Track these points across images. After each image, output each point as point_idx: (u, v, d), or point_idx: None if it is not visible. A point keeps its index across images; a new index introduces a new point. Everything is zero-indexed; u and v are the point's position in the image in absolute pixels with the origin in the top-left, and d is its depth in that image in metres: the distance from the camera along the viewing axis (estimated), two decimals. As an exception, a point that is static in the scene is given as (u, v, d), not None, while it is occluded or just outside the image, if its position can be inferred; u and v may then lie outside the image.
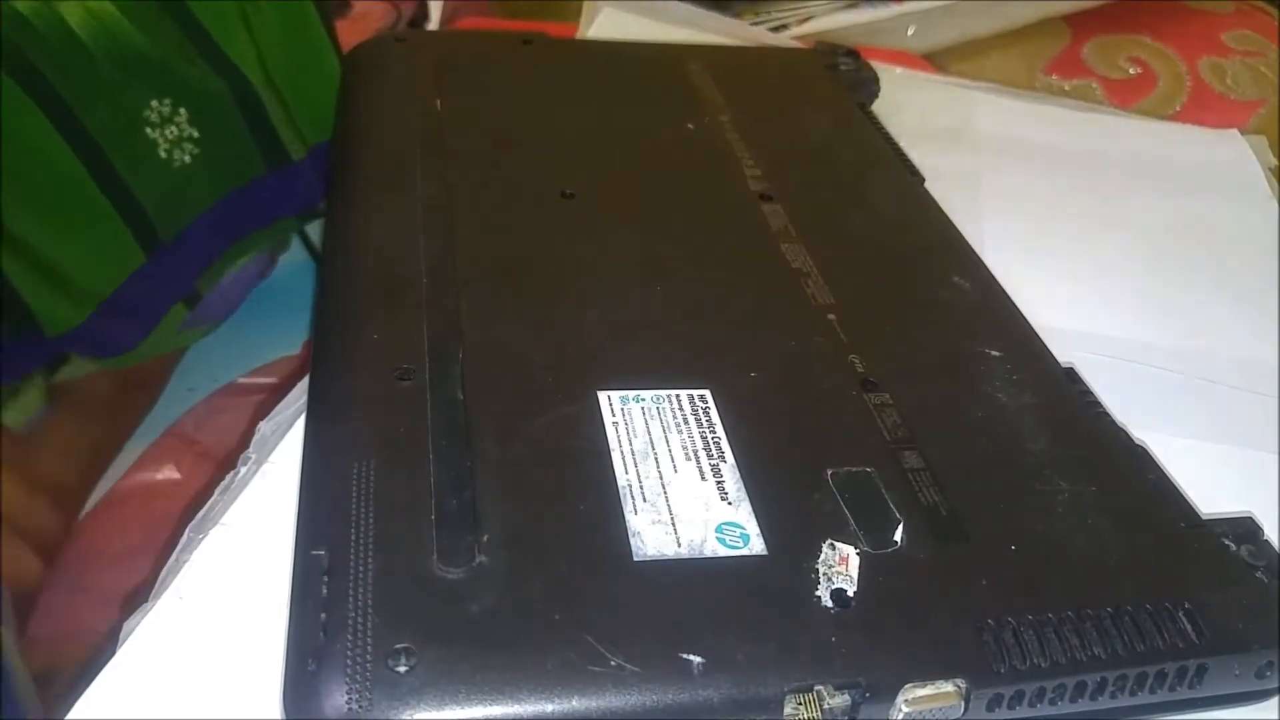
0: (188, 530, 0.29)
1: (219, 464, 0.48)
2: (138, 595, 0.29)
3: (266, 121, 0.52)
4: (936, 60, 0.65)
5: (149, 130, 0.48)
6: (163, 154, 0.49)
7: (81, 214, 0.46)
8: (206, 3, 0.49)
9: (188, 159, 0.49)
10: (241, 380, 0.52)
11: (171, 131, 0.49)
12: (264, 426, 0.33)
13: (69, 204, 0.46)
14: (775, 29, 0.63)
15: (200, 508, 0.31)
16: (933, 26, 0.64)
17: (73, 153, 0.46)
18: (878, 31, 0.63)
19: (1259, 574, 0.27)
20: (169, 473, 0.48)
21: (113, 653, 0.27)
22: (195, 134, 0.49)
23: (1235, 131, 0.57)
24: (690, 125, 0.44)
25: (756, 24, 0.63)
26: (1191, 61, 0.65)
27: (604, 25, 0.58)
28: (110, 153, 0.47)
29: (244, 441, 0.33)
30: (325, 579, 0.24)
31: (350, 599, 0.23)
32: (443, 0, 0.62)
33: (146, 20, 0.48)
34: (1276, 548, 0.28)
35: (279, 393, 0.38)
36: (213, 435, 0.50)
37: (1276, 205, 0.51)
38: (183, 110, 0.49)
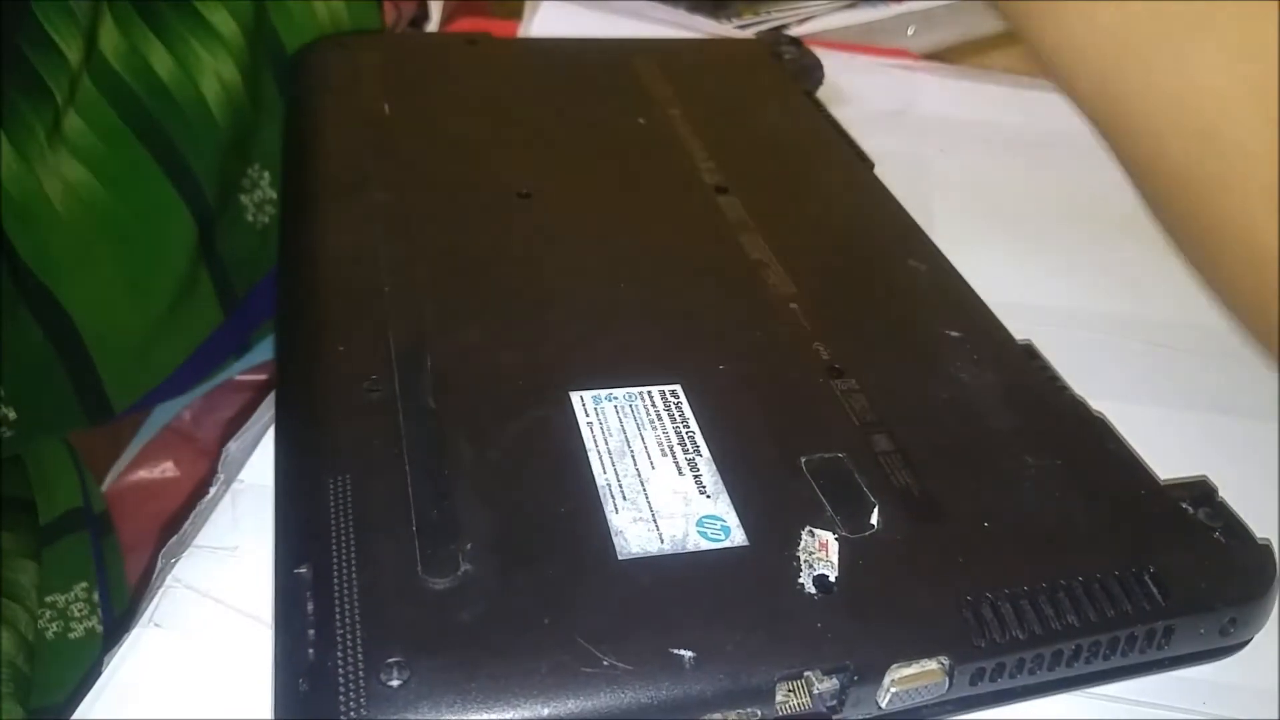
0: (160, 556, 0.29)
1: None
2: (138, 593, 0.28)
3: None
4: (937, 60, 0.65)
5: (242, 196, 0.47)
6: (249, 218, 0.48)
7: (182, 285, 0.45)
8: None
9: (266, 220, 0.48)
10: (240, 377, 0.51)
11: (258, 195, 0.48)
12: (231, 446, 0.32)
13: (173, 275, 0.44)
14: (775, 29, 0.63)
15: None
16: (933, 26, 0.64)
17: (195, 226, 0.44)
18: (878, 31, 0.63)
19: (1216, 534, 0.28)
20: (167, 469, 0.48)
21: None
22: (274, 195, 0.49)
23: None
24: (642, 120, 0.44)
25: (756, 24, 0.63)
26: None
27: (546, 20, 0.58)
28: (215, 223, 0.46)
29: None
30: (310, 596, 0.24)
31: (337, 615, 0.23)
32: (443, 0, 0.61)
33: (257, 86, 0.46)
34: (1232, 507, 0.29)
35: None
36: (211, 431, 0.49)
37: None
38: (266, 173, 0.48)
